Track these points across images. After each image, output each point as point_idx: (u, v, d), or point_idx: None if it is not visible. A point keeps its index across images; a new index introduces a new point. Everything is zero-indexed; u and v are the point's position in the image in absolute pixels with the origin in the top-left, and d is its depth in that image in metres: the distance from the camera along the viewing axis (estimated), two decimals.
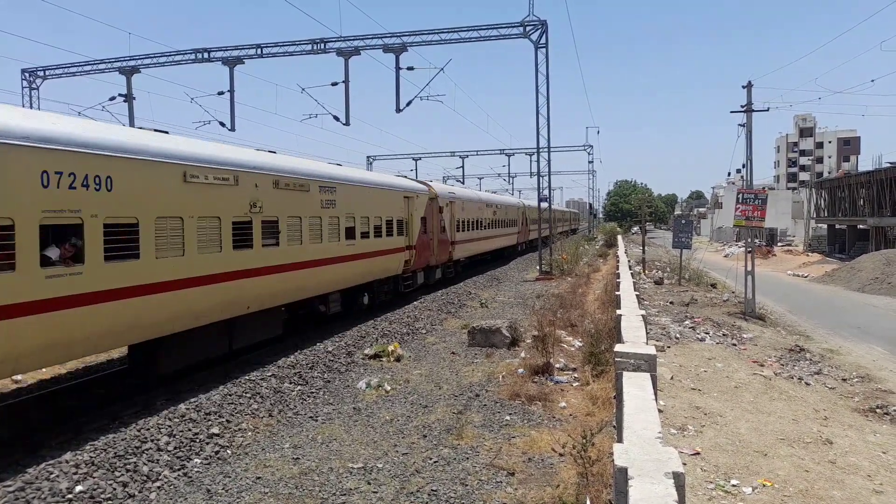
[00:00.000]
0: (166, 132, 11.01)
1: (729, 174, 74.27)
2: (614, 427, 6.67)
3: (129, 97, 31.25)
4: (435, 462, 7.43)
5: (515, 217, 41.97)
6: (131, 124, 29.72)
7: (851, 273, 33.76)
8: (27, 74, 33.10)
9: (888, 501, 7.05)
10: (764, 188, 36.56)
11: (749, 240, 23.79)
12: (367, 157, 64.47)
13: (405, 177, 24.99)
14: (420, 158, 65.12)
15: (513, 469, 7.17)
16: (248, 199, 11.64)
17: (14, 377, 10.61)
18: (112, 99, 30.97)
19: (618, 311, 8.52)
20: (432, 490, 6.67)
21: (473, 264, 32.04)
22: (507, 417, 9.01)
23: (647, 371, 4.99)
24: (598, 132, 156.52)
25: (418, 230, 21.13)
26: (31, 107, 31.34)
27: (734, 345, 15.99)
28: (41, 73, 33.13)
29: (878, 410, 11.23)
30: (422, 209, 21.81)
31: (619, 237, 51.05)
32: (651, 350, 5.37)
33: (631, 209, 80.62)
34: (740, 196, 22.29)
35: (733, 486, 6.99)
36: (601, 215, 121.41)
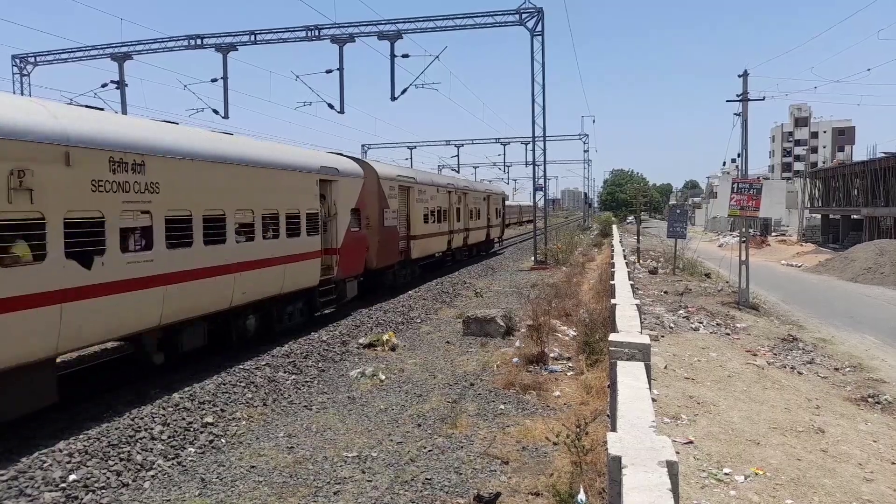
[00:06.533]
0: None
1: (724, 164, 74.49)
2: (608, 416, 6.68)
3: (121, 84, 31.00)
4: (429, 451, 7.44)
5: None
6: (124, 111, 29.47)
7: (845, 263, 33.89)
8: (17, 61, 32.73)
9: (878, 489, 7.11)
10: (759, 178, 36.54)
11: (744, 230, 23.84)
12: (362, 145, 64.31)
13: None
14: (415, 147, 65.15)
15: (507, 458, 7.19)
16: None
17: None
18: (104, 86, 30.77)
19: (612, 301, 8.52)
20: (427, 479, 6.69)
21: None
22: (502, 406, 9.03)
23: (641, 360, 4.98)
24: (594, 121, 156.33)
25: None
26: (21, 94, 31.00)
27: (728, 334, 16.06)
28: (32, 60, 32.77)
29: (869, 399, 11.32)
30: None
31: (614, 227, 51.20)
32: (645, 339, 5.37)
33: (626, 198, 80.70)
34: (735, 186, 22.35)
35: (726, 474, 7.04)
36: (596, 204, 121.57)
